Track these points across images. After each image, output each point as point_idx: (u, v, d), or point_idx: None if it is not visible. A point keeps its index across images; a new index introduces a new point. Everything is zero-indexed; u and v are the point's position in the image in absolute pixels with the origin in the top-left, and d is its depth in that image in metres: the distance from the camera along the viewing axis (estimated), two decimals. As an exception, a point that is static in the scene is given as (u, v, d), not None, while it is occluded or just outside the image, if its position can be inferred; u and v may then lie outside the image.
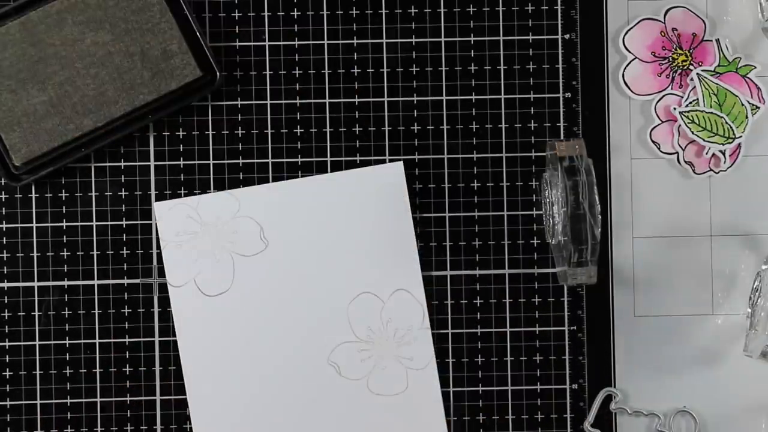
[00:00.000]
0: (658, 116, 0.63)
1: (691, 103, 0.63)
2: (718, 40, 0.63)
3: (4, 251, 0.62)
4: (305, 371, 0.62)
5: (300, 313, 0.62)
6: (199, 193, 0.62)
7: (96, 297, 0.62)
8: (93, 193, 0.62)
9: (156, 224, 0.62)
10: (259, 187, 0.62)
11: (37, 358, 0.62)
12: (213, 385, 0.62)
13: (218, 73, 0.61)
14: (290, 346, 0.62)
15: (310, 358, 0.62)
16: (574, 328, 0.63)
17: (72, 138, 0.61)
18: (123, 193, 0.62)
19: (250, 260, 0.62)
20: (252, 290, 0.62)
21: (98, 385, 0.62)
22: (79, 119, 0.61)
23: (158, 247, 0.62)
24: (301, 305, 0.62)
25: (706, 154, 0.63)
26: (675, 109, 0.63)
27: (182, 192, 0.62)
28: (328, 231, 0.62)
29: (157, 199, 0.62)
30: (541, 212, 0.63)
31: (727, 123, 0.63)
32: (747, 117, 0.63)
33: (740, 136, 0.63)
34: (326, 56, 0.63)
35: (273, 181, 0.63)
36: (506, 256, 0.63)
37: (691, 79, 0.63)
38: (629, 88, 0.63)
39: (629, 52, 0.63)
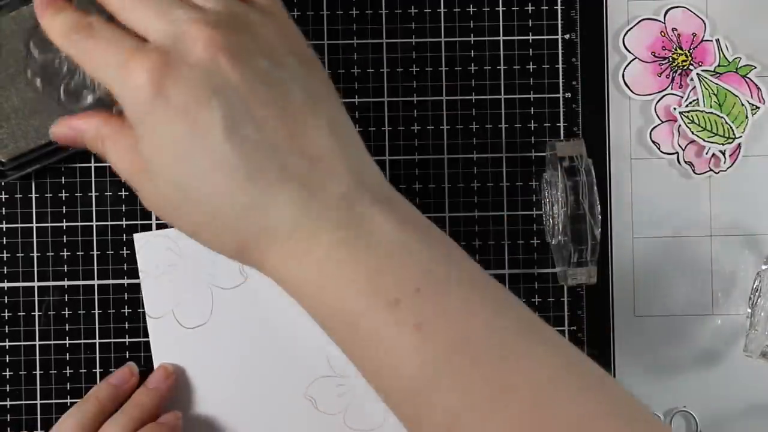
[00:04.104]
0: (658, 116, 0.63)
1: (691, 103, 0.63)
2: (718, 40, 0.63)
3: (4, 251, 0.62)
4: (282, 405, 0.61)
5: (278, 346, 0.61)
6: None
7: (96, 297, 0.62)
8: (93, 193, 0.62)
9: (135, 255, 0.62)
10: None
11: (37, 358, 0.62)
12: (189, 418, 0.61)
13: None
14: (267, 379, 0.61)
15: (286, 392, 0.61)
16: (574, 328, 0.63)
17: None
18: (123, 193, 0.62)
19: (228, 293, 0.62)
20: (230, 323, 0.62)
21: (98, 385, 0.62)
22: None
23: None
24: (279, 339, 0.61)
25: (706, 154, 0.63)
26: (675, 109, 0.63)
27: (182, 192, 0.62)
28: None
29: (157, 199, 0.62)
30: (541, 212, 0.63)
31: (727, 123, 0.63)
32: (747, 117, 0.63)
33: (740, 136, 0.63)
34: (326, 56, 0.63)
35: (273, 181, 0.63)
36: (506, 256, 0.63)
37: (691, 79, 0.63)
38: (629, 88, 0.63)
39: (629, 52, 0.63)
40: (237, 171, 0.45)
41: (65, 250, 0.62)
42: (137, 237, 0.62)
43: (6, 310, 0.62)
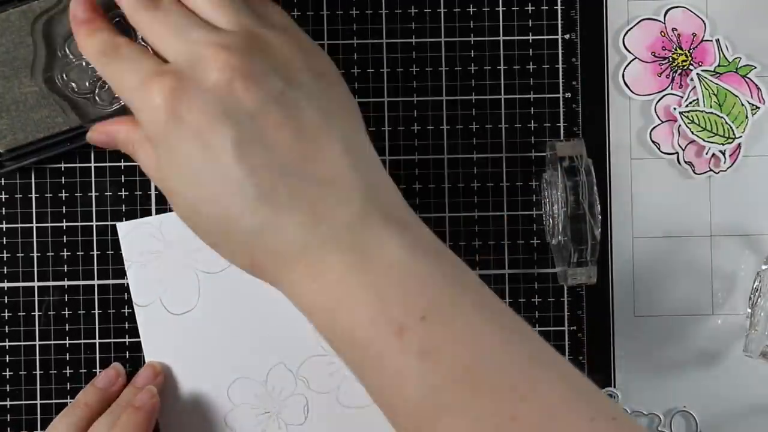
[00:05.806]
0: (658, 116, 0.63)
1: (691, 103, 0.63)
2: (718, 40, 0.63)
3: (4, 251, 0.62)
4: (274, 386, 0.61)
5: (267, 328, 0.61)
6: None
7: (96, 297, 0.62)
8: (93, 193, 0.62)
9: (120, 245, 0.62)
10: None
11: (37, 358, 0.62)
12: (182, 405, 0.61)
13: None
14: (258, 362, 0.62)
15: (278, 374, 0.61)
16: (574, 328, 0.63)
17: (59, 131, 0.60)
18: (123, 193, 0.62)
19: (214, 277, 0.62)
20: (218, 307, 0.61)
21: (98, 385, 0.62)
22: (69, 114, 0.60)
23: (158, 247, 0.62)
24: (268, 321, 0.61)
25: (706, 154, 0.63)
26: (675, 109, 0.63)
27: (182, 192, 0.62)
28: None
29: (157, 200, 0.62)
30: (541, 212, 0.63)
31: (727, 123, 0.63)
32: (747, 117, 0.63)
33: (740, 136, 0.63)
34: (326, 56, 0.63)
35: (273, 181, 0.63)
36: (506, 256, 0.63)
37: (691, 79, 0.63)
38: (629, 88, 0.63)
39: (629, 52, 0.63)
40: (247, 194, 0.46)
41: (65, 250, 0.62)
42: (120, 226, 0.62)
43: (6, 310, 0.62)
